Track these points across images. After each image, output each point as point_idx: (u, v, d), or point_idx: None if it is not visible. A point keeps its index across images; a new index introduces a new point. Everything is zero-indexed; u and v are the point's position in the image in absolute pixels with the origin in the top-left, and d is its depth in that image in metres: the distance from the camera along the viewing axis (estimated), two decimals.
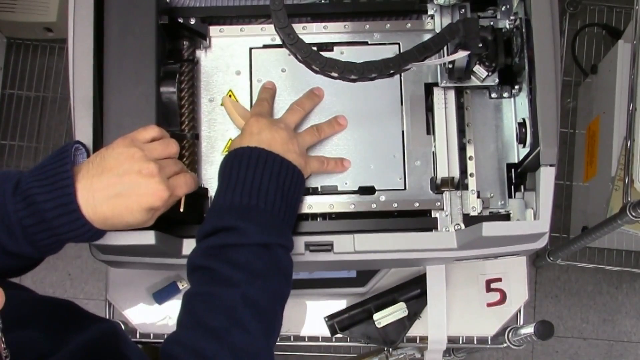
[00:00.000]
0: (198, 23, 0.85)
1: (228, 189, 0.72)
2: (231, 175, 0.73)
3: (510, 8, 0.83)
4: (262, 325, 0.68)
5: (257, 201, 0.71)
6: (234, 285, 0.68)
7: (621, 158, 1.40)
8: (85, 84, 0.77)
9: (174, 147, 0.72)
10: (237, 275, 0.68)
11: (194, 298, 0.69)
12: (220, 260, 0.69)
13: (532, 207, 0.78)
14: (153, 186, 0.66)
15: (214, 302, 0.68)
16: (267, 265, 0.70)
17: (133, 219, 0.67)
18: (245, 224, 0.70)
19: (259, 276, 0.69)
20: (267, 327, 0.69)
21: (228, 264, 0.69)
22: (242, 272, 0.69)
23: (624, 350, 1.82)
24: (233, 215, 0.71)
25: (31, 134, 1.79)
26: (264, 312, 0.69)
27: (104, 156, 0.68)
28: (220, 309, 0.67)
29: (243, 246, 0.70)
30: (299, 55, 0.72)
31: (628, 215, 1.15)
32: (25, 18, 1.71)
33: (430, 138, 0.84)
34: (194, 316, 0.68)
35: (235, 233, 0.70)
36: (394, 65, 0.72)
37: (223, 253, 0.70)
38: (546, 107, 0.75)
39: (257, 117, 0.78)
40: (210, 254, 0.70)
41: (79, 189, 0.65)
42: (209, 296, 0.68)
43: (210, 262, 0.69)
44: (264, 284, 0.69)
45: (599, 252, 1.71)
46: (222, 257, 0.69)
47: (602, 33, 1.81)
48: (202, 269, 0.70)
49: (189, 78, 0.84)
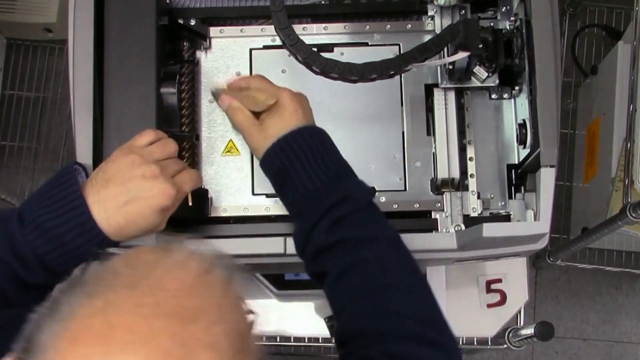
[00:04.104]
0: (198, 24, 0.85)
1: (305, 173, 0.72)
2: (302, 159, 0.72)
3: (510, 9, 0.83)
4: (411, 257, 0.71)
5: (333, 167, 0.72)
6: (373, 241, 0.69)
7: (621, 159, 1.40)
8: (85, 85, 0.77)
9: (172, 147, 0.72)
10: (370, 233, 0.70)
11: (347, 275, 0.68)
12: (347, 229, 0.69)
13: (532, 208, 0.78)
14: (159, 186, 0.66)
15: (375, 266, 0.68)
16: (379, 216, 0.72)
17: (146, 223, 0.67)
18: (348, 192, 0.71)
19: (382, 226, 0.71)
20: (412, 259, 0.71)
21: (352, 229, 0.69)
22: (369, 229, 0.70)
23: (624, 351, 1.81)
24: (331, 192, 0.71)
25: (31, 134, 1.79)
26: (405, 248, 0.71)
27: (105, 170, 0.68)
28: (386, 268, 0.68)
29: (356, 211, 0.70)
30: (299, 56, 0.72)
31: (628, 216, 1.15)
32: (25, 19, 1.71)
33: (431, 139, 0.84)
34: (364, 287, 0.68)
35: (344, 205, 0.70)
36: (394, 66, 0.72)
37: (342, 224, 0.70)
38: (546, 108, 0.75)
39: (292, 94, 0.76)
40: (330, 232, 0.69)
41: (90, 205, 0.65)
42: (364, 264, 0.68)
43: (338, 235, 0.69)
44: (389, 231, 0.71)
45: (599, 253, 1.71)
46: (346, 226, 0.70)
47: (602, 34, 1.81)
48: (336, 245, 0.69)
49: (189, 79, 0.84)
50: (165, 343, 0.39)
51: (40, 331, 0.41)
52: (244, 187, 0.83)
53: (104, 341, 0.39)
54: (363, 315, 0.67)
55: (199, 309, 0.41)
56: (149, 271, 0.43)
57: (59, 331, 0.40)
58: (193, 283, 0.43)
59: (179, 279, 0.42)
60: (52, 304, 0.43)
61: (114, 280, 0.42)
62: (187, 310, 0.41)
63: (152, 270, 0.43)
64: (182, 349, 0.39)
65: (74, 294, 0.42)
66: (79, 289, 0.43)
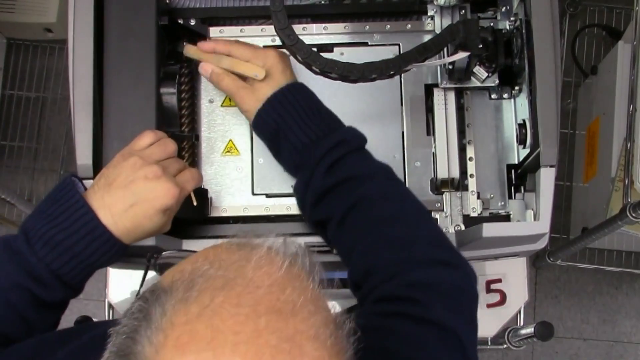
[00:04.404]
0: (198, 24, 0.85)
1: (299, 128, 0.74)
2: (295, 115, 0.74)
3: (510, 9, 0.83)
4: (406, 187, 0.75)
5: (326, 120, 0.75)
6: (371, 178, 0.71)
7: (621, 159, 1.40)
8: (85, 85, 0.77)
9: (171, 147, 0.72)
10: (366, 171, 0.72)
11: (350, 215, 0.70)
12: (344, 170, 0.71)
13: (532, 208, 0.78)
14: (162, 186, 0.66)
15: (376, 200, 0.70)
16: (372, 156, 0.74)
17: (152, 225, 0.67)
18: (340, 137, 0.72)
19: (377, 163, 0.74)
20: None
21: (349, 169, 0.71)
22: (365, 167, 0.72)
23: (624, 351, 1.81)
24: (326, 140, 0.72)
25: (31, 134, 1.79)
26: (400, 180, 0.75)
27: (107, 175, 0.68)
28: (386, 200, 0.70)
29: (351, 152, 0.72)
30: (299, 56, 0.72)
31: (628, 216, 1.15)
32: (25, 19, 1.71)
33: (430, 139, 0.84)
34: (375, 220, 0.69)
35: (338, 149, 0.71)
36: (394, 66, 0.72)
37: (338, 166, 0.71)
38: (546, 108, 0.75)
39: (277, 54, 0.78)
40: (327, 175, 0.71)
41: (96, 211, 0.65)
42: (365, 200, 0.70)
43: (336, 177, 0.71)
44: (384, 166, 0.74)
45: (599, 253, 1.71)
46: (342, 168, 0.71)
47: (602, 34, 1.81)
48: (335, 187, 0.71)
49: (189, 79, 0.84)
50: (271, 340, 0.40)
51: (137, 343, 0.41)
52: (243, 187, 0.83)
53: (211, 345, 0.39)
54: (371, 250, 0.68)
55: (296, 302, 0.42)
56: (239, 271, 0.43)
57: (160, 340, 0.40)
58: (283, 277, 0.43)
59: (269, 275, 0.43)
60: (140, 315, 0.43)
61: (206, 284, 0.42)
62: (285, 305, 0.42)
63: (241, 270, 0.43)
64: (288, 343, 0.40)
65: (164, 302, 0.42)
66: (168, 297, 0.42)
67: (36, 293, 0.64)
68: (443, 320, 0.62)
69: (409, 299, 0.63)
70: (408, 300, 0.63)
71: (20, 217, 1.68)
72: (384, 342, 0.60)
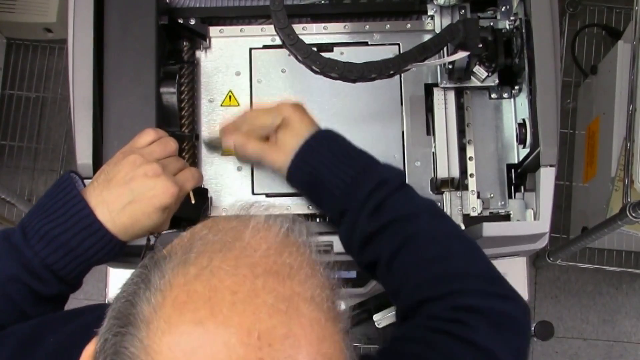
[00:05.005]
0: (198, 23, 0.85)
1: (334, 175, 0.72)
2: (326, 162, 0.73)
3: (510, 9, 0.83)
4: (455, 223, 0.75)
5: (358, 160, 0.73)
6: (417, 216, 0.70)
7: (621, 159, 1.40)
8: (85, 85, 0.77)
9: (172, 145, 0.72)
10: (411, 210, 0.70)
11: (398, 254, 0.68)
12: (389, 212, 0.70)
13: (532, 207, 0.78)
14: (161, 184, 0.66)
15: (424, 239, 0.69)
16: (415, 192, 0.73)
17: (151, 222, 0.67)
18: (380, 177, 0.71)
19: (421, 201, 0.72)
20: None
21: (394, 211, 0.70)
22: (409, 207, 0.71)
23: (624, 351, 1.81)
24: (365, 183, 0.71)
25: (31, 134, 1.79)
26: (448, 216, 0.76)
27: (106, 171, 0.68)
28: (434, 238, 0.69)
29: (393, 193, 0.71)
30: (299, 55, 0.72)
31: (628, 216, 1.15)
32: (25, 18, 1.71)
33: (430, 139, 0.84)
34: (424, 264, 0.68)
35: (379, 191, 0.70)
36: (394, 66, 0.72)
37: (383, 208, 0.70)
38: (546, 108, 0.76)
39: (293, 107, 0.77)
40: (373, 218, 0.70)
41: (93, 207, 0.65)
42: (412, 240, 0.68)
43: (381, 220, 0.70)
44: (429, 203, 0.73)
45: (598, 253, 1.71)
46: (387, 209, 0.70)
47: (602, 33, 1.81)
48: (381, 231, 0.70)
49: (189, 79, 0.84)
50: (268, 299, 0.40)
51: (135, 305, 0.42)
52: (244, 187, 0.83)
53: (209, 304, 0.40)
54: (422, 285, 0.67)
55: (292, 266, 0.43)
56: (237, 235, 0.44)
57: (159, 301, 0.41)
58: (280, 243, 0.44)
59: (266, 240, 0.44)
60: (139, 279, 0.43)
61: (204, 247, 0.43)
62: (282, 268, 0.42)
63: (239, 234, 0.44)
64: (284, 303, 0.41)
65: (163, 266, 0.43)
66: (167, 261, 0.43)
67: (33, 287, 0.65)
68: (485, 344, 0.61)
69: (457, 321, 0.63)
70: (456, 322, 0.63)
71: (20, 217, 1.68)
72: (425, 353, 0.61)
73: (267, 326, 0.39)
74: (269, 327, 0.39)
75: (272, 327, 0.39)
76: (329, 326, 0.42)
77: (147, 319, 0.41)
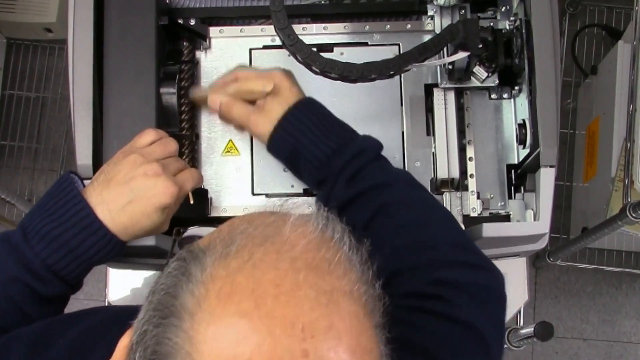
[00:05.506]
0: (198, 24, 0.85)
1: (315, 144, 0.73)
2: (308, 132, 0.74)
3: (510, 9, 0.83)
4: (429, 192, 0.76)
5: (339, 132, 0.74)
6: (393, 184, 0.71)
7: (621, 159, 1.40)
8: (85, 85, 0.77)
9: (172, 146, 0.72)
10: (387, 178, 0.71)
11: (372, 222, 0.69)
12: (365, 180, 0.71)
13: (532, 208, 0.78)
14: (161, 184, 0.66)
15: (399, 206, 0.69)
16: (390, 164, 0.74)
17: (150, 222, 0.67)
18: (358, 148, 0.72)
19: (396, 170, 0.74)
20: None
21: (371, 179, 0.71)
22: (386, 175, 0.72)
23: (624, 351, 1.81)
24: (343, 152, 0.72)
25: (31, 134, 1.79)
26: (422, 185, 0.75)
27: (107, 171, 0.68)
28: (409, 205, 0.70)
29: (370, 162, 0.72)
30: (298, 56, 0.72)
31: (628, 216, 1.15)
32: (25, 18, 1.71)
33: (430, 139, 0.84)
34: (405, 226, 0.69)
35: (357, 159, 0.71)
36: (394, 66, 0.72)
37: (359, 176, 0.71)
38: (546, 108, 0.75)
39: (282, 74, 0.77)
40: (349, 185, 0.71)
41: (93, 207, 0.65)
42: (388, 206, 0.69)
43: (358, 187, 0.70)
44: (404, 173, 0.75)
45: (598, 253, 1.71)
46: (363, 177, 0.71)
47: (602, 34, 1.81)
48: (357, 197, 0.70)
49: (189, 79, 0.84)
50: (309, 293, 0.41)
51: (177, 297, 0.42)
52: (243, 187, 0.83)
53: (253, 296, 0.40)
54: (396, 254, 0.67)
55: (331, 261, 0.44)
56: (277, 230, 0.45)
57: (202, 293, 0.41)
58: (318, 238, 0.45)
59: (304, 236, 0.45)
60: (178, 272, 0.44)
61: (245, 241, 0.44)
62: (322, 262, 0.43)
63: (279, 229, 0.45)
64: (325, 297, 0.42)
65: (203, 259, 0.43)
66: (207, 254, 0.44)
67: (34, 287, 0.65)
68: (468, 319, 0.62)
69: (434, 296, 0.63)
70: (434, 298, 0.63)
71: (20, 217, 1.68)
72: (408, 335, 0.60)
73: (309, 318, 0.40)
74: (311, 319, 0.40)
75: (314, 319, 0.40)
76: (366, 320, 0.44)
77: (190, 310, 0.41)
